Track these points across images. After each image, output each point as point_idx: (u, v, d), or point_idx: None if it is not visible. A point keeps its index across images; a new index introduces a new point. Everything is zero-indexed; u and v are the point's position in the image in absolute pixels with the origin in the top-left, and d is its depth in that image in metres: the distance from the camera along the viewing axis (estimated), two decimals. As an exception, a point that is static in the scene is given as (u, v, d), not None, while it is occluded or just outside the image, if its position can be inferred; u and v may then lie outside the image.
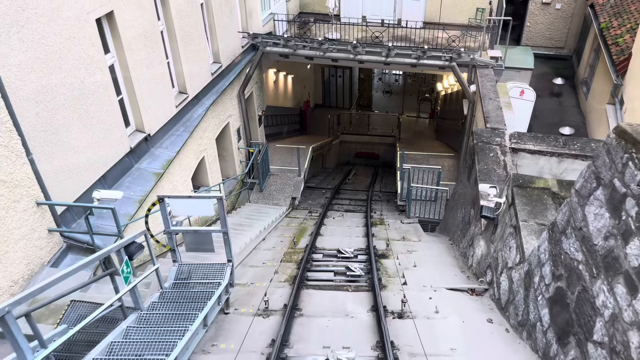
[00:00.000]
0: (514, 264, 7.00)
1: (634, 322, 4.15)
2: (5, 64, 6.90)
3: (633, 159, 4.48)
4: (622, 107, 13.71)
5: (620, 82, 13.79)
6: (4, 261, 6.99)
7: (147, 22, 10.19)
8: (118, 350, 4.96)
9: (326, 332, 6.29)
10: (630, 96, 13.39)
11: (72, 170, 8.51)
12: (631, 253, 4.32)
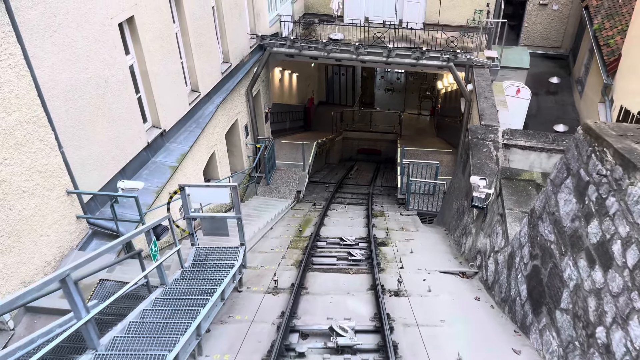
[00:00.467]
0: (500, 248, 7.74)
1: (592, 290, 4.89)
2: (40, 66, 7.64)
3: (595, 152, 5.22)
4: (612, 106, 14.40)
5: (610, 81, 14.47)
6: (40, 244, 7.75)
7: (163, 25, 10.94)
8: (149, 316, 5.72)
9: (330, 307, 7.04)
10: (619, 95, 14.08)
11: (96, 163, 9.27)
12: (591, 232, 5.05)
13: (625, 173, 4.58)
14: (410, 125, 26.29)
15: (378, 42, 16.98)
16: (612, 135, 5.16)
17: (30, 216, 7.51)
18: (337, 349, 5.74)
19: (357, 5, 18.58)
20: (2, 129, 6.80)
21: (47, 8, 7.70)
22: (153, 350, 4.84)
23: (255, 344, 5.91)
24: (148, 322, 5.50)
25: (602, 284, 4.73)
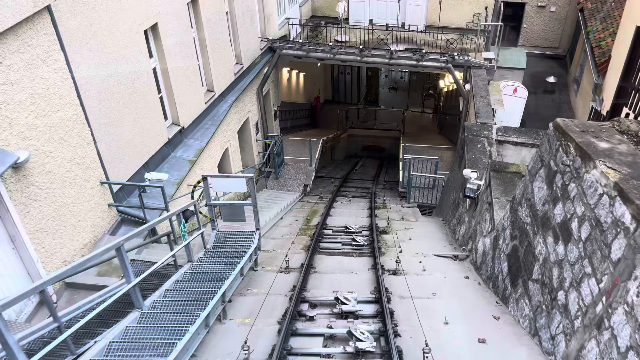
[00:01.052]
0: (487, 232, 8.66)
1: (555, 261, 5.81)
2: (78, 70, 8.61)
3: (562, 145, 6.14)
4: (602, 105, 15.23)
5: (601, 81, 15.31)
6: (78, 228, 8.74)
7: (182, 30, 11.90)
8: (180, 286, 6.69)
9: (335, 283, 7.98)
10: (609, 94, 14.92)
11: (123, 157, 10.24)
12: (556, 213, 5.98)
13: (583, 163, 5.50)
14: (414, 123, 27.13)
15: (381, 44, 17.87)
16: (576, 131, 6.07)
17: (71, 203, 8.49)
18: (342, 315, 6.69)
19: (361, 9, 19.47)
20: (48, 126, 7.78)
21: (84, 18, 8.67)
22: (187, 310, 5.80)
23: (271, 311, 6.86)
24: (180, 290, 6.47)
25: (563, 256, 5.65)
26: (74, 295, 8.62)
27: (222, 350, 5.72)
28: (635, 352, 4.08)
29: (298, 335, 6.17)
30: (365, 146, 26.65)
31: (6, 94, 6.92)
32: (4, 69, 6.85)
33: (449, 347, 5.73)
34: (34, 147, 7.51)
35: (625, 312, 4.30)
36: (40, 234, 7.81)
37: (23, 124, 7.27)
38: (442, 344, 5.76)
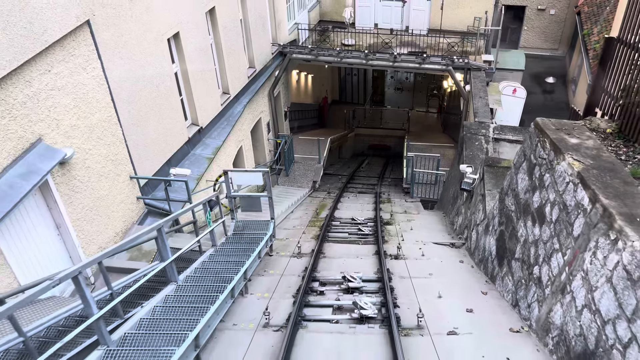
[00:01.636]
0: (480, 221, 9.57)
1: (533, 241, 6.72)
2: (111, 76, 9.60)
3: (540, 141, 7.05)
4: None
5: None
6: (112, 217, 9.74)
7: (201, 38, 12.89)
8: (207, 264, 7.66)
9: (342, 266, 8.92)
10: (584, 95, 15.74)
11: (149, 154, 11.23)
12: (534, 200, 6.89)
13: (555, 156, 6.40)
14: (418, 122, 27.99)
15: (386, 47, 18.77)
16: (552, 129, 6.97)
17: (105, 195, 9.49)
18: (348, 290, 7.63)
19: (367, 13, 20.38)
20: (88, 126, 8.78)
21: (116, 30, 9.67)
22: (215, 283, 6.76)
23: (286, 288, 7.82)
24: (207, 268, 7.45)
25: (538, 236, 6.56)
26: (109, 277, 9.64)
27: (246, 317, 6.68)
28: (588, 309, 5.00)
29: (310, 306, 7.12)
30: (371, 145, 27.53)
31: (54, 99, 7.92)
32: (52, 77, 7.86)
33: (440, 314, 6.65)
34: (76, 145, 8.51)
35: (582, 278, 5.21)
36: (80, 222, 8.82)
37: (67, 124, 8.27)
38: (434, 313, 6.68)
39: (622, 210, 4.86)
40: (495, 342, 5.87)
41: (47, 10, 7.51)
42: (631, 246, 4.39)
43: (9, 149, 7.14)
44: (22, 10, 7.03)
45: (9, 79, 6.99)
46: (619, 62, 7.08)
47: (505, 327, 6.29)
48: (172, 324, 5.48)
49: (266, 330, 6.26)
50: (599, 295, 4.82)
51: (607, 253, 4.79)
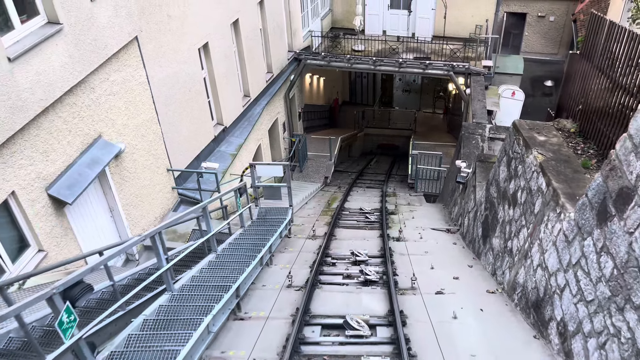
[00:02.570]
0: (471, 209, 11.01)
1: (509, 221, 8.16)
2: (153, 82, 11.16)
3: (516, 139, 8.48)
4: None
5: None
6: (153, 204, 11.31)
7: (226, 46, 14.44)
8: (238, 240, 9.18)
9: (351, 245, 10.39)
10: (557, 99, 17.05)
11: (181, 150, 12.79)
12: (510, 187, 8.33)
13: (526, 150, 7.84)
14: (425, 123, 29.36)
15: (393, 53, 20.20)
16: (525, 128, 8.40)
17: (148, 185, 11.07)
18: (356, 262, 9.12)
19: (376, 21, 21.82)
20: (135, 125, 10.35)
21: (157, 42, 11.24)
22: (247, 253, 8.27)
23: (304, 261, 9.31)
24: (239, 242, 8.98)
25: (512, 216, 8.01)
26: (151, 255, 11.19)
27: (273, 280, 8.19)
28: (540, 267, 6.45)
29: (324, 274, 8.61)
30: (379, 144, 28.94)
31: (110, 102, 9.50)
32: (109, 84, 9.43)
33: (431, 280, 8.10)
34: (127, 141, 10.07)
35: (538, 245, 6.66)
36: (128, 207, 10.40)
37: (120, 123, 9.85)
38: (426, 279, 8.14)
39: (567, 191, 6.30)
40: (473, 299, 7.32)
41: (107, 28, 9.08)
42: (568, 216, 5.84)
43: (77, 144, 8.72)
44: (89, 29, 8.61)
45: (79, 87, 8.56)
46: (580, 72, 8.50)
47: (483, 290, 7.74)
48: (217, 279, 7.00)
49: (289, 289, 7.76)
50: (547, 256, 6.27)
51: (554, 223, 6.23)
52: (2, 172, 7.14)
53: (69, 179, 8.41)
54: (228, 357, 5.67)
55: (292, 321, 6.45)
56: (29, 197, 7.71)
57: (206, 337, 5.55)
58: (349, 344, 5.93)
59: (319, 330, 6.32)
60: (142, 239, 5.79)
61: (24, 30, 7.50)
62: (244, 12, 15.08)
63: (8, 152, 7.21)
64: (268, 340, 6.00)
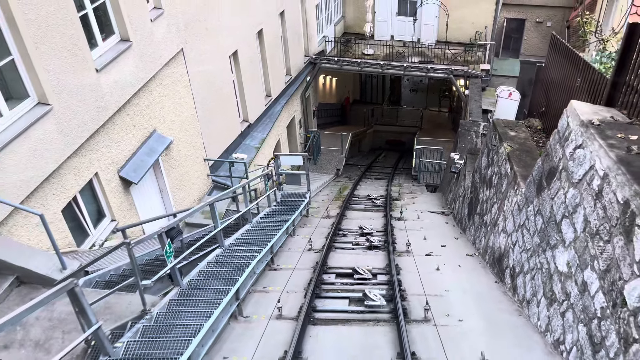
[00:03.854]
0: (461, 194, 13.01)
1: (486, 199, 10.16)
2: (193, 85, 13.24)
3: (494, 134, 10.47)
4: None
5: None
6: (192, 188, 13.43)
7: (252, 52, 16.53)
8: (267, 216, 11.27)
9: (359, 222, 12.44)
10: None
11: (214, 143, 14.87)
12: (488, 173, 10.33)
13: (500, 143, 9.83)
14: (431, 121, 31.26)
15: (400, 56, 22.16)
16: (501, 125, 10.39)
17: (189, 172, 13.18)
18: (363, 234, 11.17)
19: (384, 27, 23.78)
20: (180, 121, 12.46)
21: (197, 51, 13.32)
22: (275, 224, 10.34)
23: (320, 233, 11.37)
24: (268, 218, 11.07)
25: (488, 196, 10.01)
26: (191, 230, 13.32)
27: (296, 246, 10.27)
28: (503, 231, 8.46)
29: (337, 242, 10.67)
30: (388, 140, 30.90)
31: (162, 102, 11.61)
32: (162, 88, 11.54)
33: (423, 247, 10.11)
34: (174, 135, 12.18)
35: (502, 215, 8.67)
36: (174, 189, 12.53)
37: (169, 120, 11.96)
38: (419, 246, 10.15)
39: (523, 173, 8.30)
40: (454, 259, 9.33)
41: (162, 42, 11.20)
42: (520, 191, 7.85)
43: (139, 136, 10.84)
44: (150, 44, 10.73)
45: (141, 90, 10.68)
46: (543, 81, 10.47)
47: (464, 254, 9.76)
48: (254, 241, 9.08)
49: (310, 252, 9.83)
50: (507, 222, 8.28)
51: (512, 198, 8.24)
52: (90, 158, 9.28)
53: (134, 164, 10.54)
54: (268, 291, 7.75)
55: (313, 270, 8.51)
56: (106, 177, 9.85)
57: (253, 276, 7.64)
58: (356, 284, 7.98)
59: (334, 277, 8.39)
60: (206, 204, 7.88)
61: (105, 47, 9.63)
62: (267, 23, 17.16)
63: (94, 142, 9.34)
64: (296, 282, 8.06)
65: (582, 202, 5.64)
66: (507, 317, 6.59)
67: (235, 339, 6.10)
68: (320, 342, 5.98)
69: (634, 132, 5.79)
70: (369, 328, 6.38)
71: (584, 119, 6.11)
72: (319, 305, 7.13)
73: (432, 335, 6.01)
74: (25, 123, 7.65)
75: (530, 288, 6.81)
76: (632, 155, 5.21)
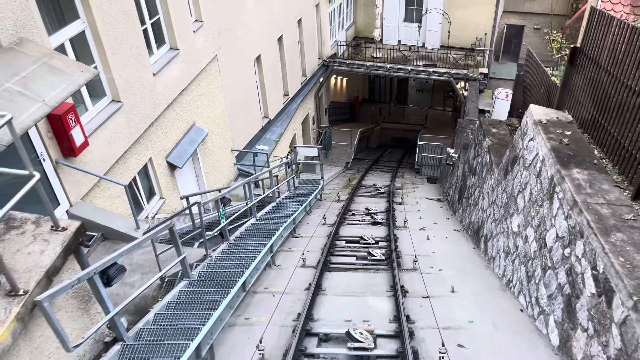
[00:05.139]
0: (454, 182, 15.03)
1: (472, 185, 12.19)
2: (224, 85, 15.35)
3: (480, 130, 12.49)
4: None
5: (563, 91, 21.21)
6: (222, 175, 15.53)
7: (273, 56, 18.61)
8: (288, 197, 13.35)
9: (366, 205, 14.50)
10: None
11: (239, 136, 16.97)
12: (474, 163, 12.35)
13: (483, 138, 11.85)
14: (435, 120, 33.19)
15: (406, 59, 24.13)
16: (486, 123, 12.40)
17: (220, 160, 15.29)
18: (368, 214, 13.23)
19: (392, 32, 25.75)
20: (213, 117, 14.57)
21: (228, 57, 15.40)
22: (296, 204, 12.41)
23: (332, 213, 13.42)
24: (288, 199, 13.16)
25: (473, 182, 12.03)
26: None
27: (313, 221, 12.34)
28: (480, 208, 10.48)
29: (346, 219, 12.74)
30: (394, 137, 32.87)
31: (200, 100, 13.71)
32: (200, 88, 13.64)
33: (418, 223, 12.15)
34: (209, 128, 14.28)
35: (481, 195, 10.69)
36: (208, 175, 14.64)
37: (205, 115, 14.07)
38: (415, 222, 12.19)
39: (497, 162, 10.31)
40: (443, 233, 11.36)
41: (201, 49, 13.30)
42: (494, 176, 9.86)
43: (182, 128, 12.95)
44: (192, 51, 12.82)
45: (184, 90, 12.77)
46: (521, 87, 12.46)
47: (452, 229, 11.79)
48: (279, 214, 11.17)
49: (324, 225, 11.89)
50: (484, 201, 10.31)
51: (488, 181, 10.27)
52: (146, 146, 11.39)
53: (178, 151, 12.65)
54: (293, 251, 9.83)
55: (328, 238, 10.54)
56: (157, 162, 11.97)
57: (280, 239, 9.73)
58: (362, 247, 10.05)
59: (344, 242, 10.46)
60: (245, 182, 9.98)
61: (159, 54, 11.74)
62: (286, 30, 19.23)
63: (149, 133, 11.45)
64: (314, 245, 10.10)
65: (529, 180, 7.67)
66: (477, 270, 8.63)
67: (272, 278, 8.19)
68: (334, 281, 8.03)
69: (570, 129, 7.82)
70: (370, 274, 8.44)
71: (536, 118, 8.14)
72: (332, 260, 9.21)
73: (418, 278, 8.05)
74: (104, 116, 9.78)
75: (496, 248, 8.85)
76: (562, 145, 7.24)
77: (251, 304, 7.20)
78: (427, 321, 6.44)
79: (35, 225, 4.48)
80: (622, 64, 6.50)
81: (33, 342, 4.00)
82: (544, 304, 6.26)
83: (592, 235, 5.26)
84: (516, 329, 6.19)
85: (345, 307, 7.01)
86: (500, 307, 6.89)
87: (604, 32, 7.17)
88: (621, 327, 4.42)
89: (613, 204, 5.75)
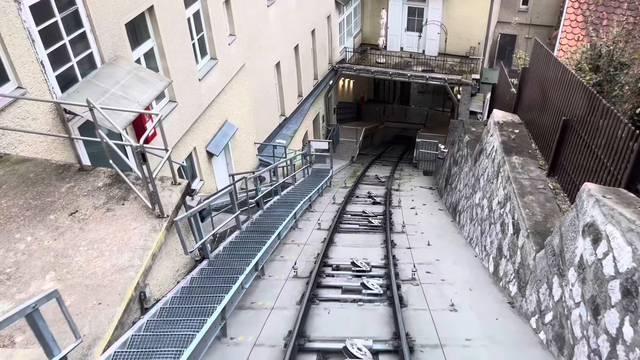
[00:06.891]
0: (443, 173, 17.77)
1: (454, 174, 14.95)
2: (250, 88, 18.13)
3: (463, 129, 15.25)
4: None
5: (545, 96, 23.88)
6: (246, 164, 18.31)
7: (290, 63, 21.39)
8: (303, 183, 16.15)
9: (368, 191, 17.26)
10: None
11: (261, 131, 19.76)
12: (457, 155, 15.11)
13: (464, 135, 14.59)
14: (435, 119, 35.84)
15: (407, 65, 26.84)
16: (468, 123, 15.14)
17: (245, 152, 18.09)
18: (370, 196, 16.00)
19: (395, 40, 28.48)
20: (241, 115, 17.37)
21: (253, 64, 18.19)
22: (310, 188, 15.18)
23: (340, 196, 16.19)
24: (304, 183, 15.96)
25: (455, 171, 14.78)
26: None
27: (325, 200, 15.12)
28: (457, 190, 13.24)
29: (352, 200, 15.51)
30: (396, 135, 35.57)
31: (232, 100, 16.51)
32: (232, 90, 16.43)
33: (409, 203, 14.86)
34: (238, 124, 17.08)
35: (462, 182, 13.44)
36: (236, 164, 17.43)
37: (235, 113, 16.87)
38: (407, 203, 14.95)
39: (472, 153, 13.04)
40: (429, 211, 14.12)
41: (234, 58, 16.10)
42: (468, 164, 12.62)
43: (217, 123, 15.75)
44: (227, 60, 15.63)
45: (221, 92, 15.57)
46: (496, 93, 15.18)
47: (437, 209, 14.55)
48: (298, 194, 13.96)
49: (334, 204, 14.63)
50: (460, 184, 13.06)
51: (464, 169, 13.01)
52: (192, 137, 14.19)
53: (215, 142, 15.45)
54: (310, 219, 12.61)
55: (336, 212, 13.28)
56: (200, 150, 14.77)
57: (300, 211, 12.50)
58: (363, 218, 12.82)
59: (350, 216, 13.24)
60: (273, 167, 12.77)
61: (202, 63, 14.55)
62: (302, 39, 22.02)
63: (194, 127, 14.25)
64: (326, 217, 12.85)
65: (488, 166, 10.44)
66: (450, 234, 11.40)
67: (296, 236, 11.00)
68: (342, 238, 10.82)
69: (519, 128, 10.59)
70: (369, 234, 11.23)
71: (496, 120, 10.90)
72: (341, 226, 12.00)
73: (404, 237, 10.82)
74: (165, 113, 12.58)
75: (465, 218, 11.62)
76: (510, 140, 10.00)
77: (283, 250, 10.02)
78: (407, 260, 9.23)
79: (161, 181, 7.29)
80: (547, 81, 9.27)
81: (170, 245, 6.82)
82: (487, 249, 9.04)
83: (514, 197, 8.03)
84: (468, 264, 8.97)
85: (350, 252, 9.80)
86: (460, 254, 9.67)
87: (541, 60, 9.92)
88: (521, 250, 7.20)
89: (533, 179, 8.51)
